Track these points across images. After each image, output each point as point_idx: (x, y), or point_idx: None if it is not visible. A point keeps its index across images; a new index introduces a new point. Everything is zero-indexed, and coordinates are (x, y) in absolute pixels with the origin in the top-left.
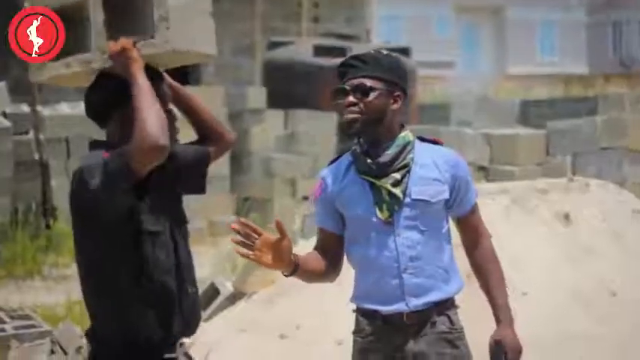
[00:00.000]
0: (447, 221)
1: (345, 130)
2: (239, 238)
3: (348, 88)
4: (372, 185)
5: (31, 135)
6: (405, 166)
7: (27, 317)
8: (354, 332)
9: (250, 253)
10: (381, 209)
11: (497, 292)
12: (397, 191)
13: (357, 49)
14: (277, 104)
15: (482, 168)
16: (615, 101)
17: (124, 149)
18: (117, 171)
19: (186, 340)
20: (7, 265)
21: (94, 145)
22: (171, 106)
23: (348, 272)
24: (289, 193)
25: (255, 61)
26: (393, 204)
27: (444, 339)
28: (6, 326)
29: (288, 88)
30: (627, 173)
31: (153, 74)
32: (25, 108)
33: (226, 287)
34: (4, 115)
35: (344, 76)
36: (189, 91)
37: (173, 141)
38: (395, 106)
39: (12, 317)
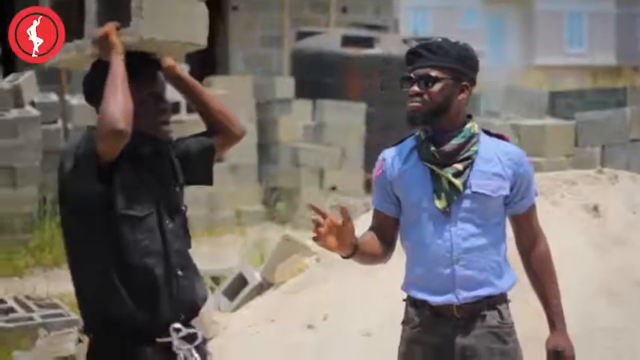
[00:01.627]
0: (504, 217)
1: (408, 120)
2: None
3: (413, 77)
4: (433, 173)
5: (59, 124)
6: (469, 157)
7: (55, 306)
8: (403, 322)
9: (318, 236)
10: (439, 198)
11: (553, 298)
12: (458, 182)
13: (384, 39)
14: (305, 94)
15: None
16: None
17: (94, 133)
18: (85, 154)
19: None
20: (35, 253)
21: (89, 129)
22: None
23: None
24: (317, 183)
25: (283, 52)
26: (452, 194)
27: (493, 334)
28: (34, 315)
29: (317, 78)
30: None
31: (144, 60)
32: (54, 97)
33: (254, 277)
34: (33, 104)
35: (411, 64)
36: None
37: (158, 126)
38: (462, 96)
39: (40, 306)
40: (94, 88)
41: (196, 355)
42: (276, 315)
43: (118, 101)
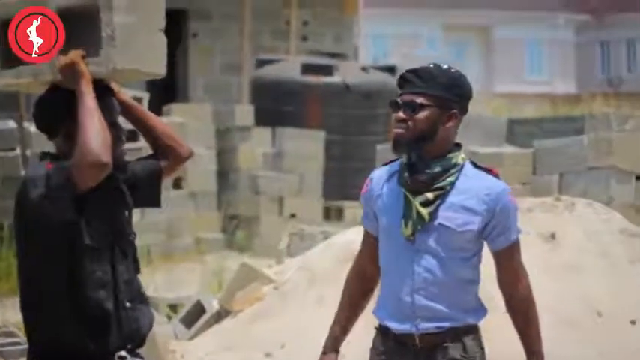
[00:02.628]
0: (478, 253)
1: (392, 146)
2: None
3: (399, 102)
4: (406, 199)
5: (17, 151)
6: (442, 188)
7: (12, 334)
8: (371, 348)
9: None
10: (406, 225)
11: (533, 338)
12: (424, 211)
13: (344, 67)
14: (265, 122)
15: None
16: (602, 120)
17: (67, 163)
18: (58, 184)
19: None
20: None
21: (44, 156)
22: (120, 120)
23: (333, 293)
24: (276, 211)
25: (243, 79)
26: (417, 223)
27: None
28: None
29: (276, 105)
30: (614, 193)
31: (102, 88)
32: (12, 124)
33: (212, 305)
34: None
35: (401, 89)
36: (174, 107)
37: (119, 154)
38: (449, 125)
39: None
40: (54, 119)
41: None
42: (233, 343)
43: (99, 133)
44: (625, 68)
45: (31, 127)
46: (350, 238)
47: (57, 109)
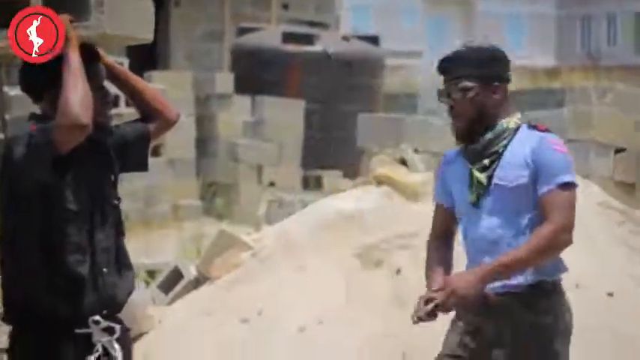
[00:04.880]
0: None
1: (455, 138)
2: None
3: (444, 92)
4: (469, 169)
5: None
6: (496, 152)
7: None
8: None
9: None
10: (471, 192)
11: (515, 254)
12: (482, 177)
13: (325, 36)
14: (245, 90)
15: None
16: (582, 94)
17: (51, 124)
18: (40, 145)
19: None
20: None
21: (30, 117)
22: (107, 84)
23: (310, 260)
24: (255, 178)
25: (223, 47)
26: (479, 189)
27: (522, 325)
28: None
29: (257, 74)
30: (593, 166)
31: (88, 52)
32: None
33: (190, 271)
34: None
35: (444, 76)
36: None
37: (105, 118)
38: (495, 97)
39: None
40: (39, 82)
41: (117, 346)
42: (211, 309)
43: (80, 95)
44: (605, 42)
45: (11, 91)
46: (328, 205)
47: (43, 73)
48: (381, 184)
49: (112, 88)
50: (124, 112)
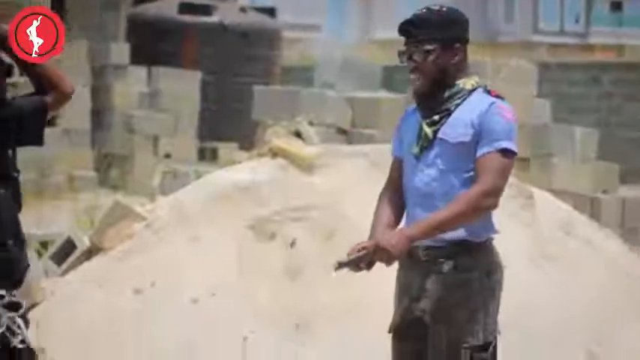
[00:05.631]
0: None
1: (413, 97)
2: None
3: (405, 53)
4: (419, 124)
5: None
6: (447, 109)
7: None
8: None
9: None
10: (416, 145)
11: (434, 217)
12: (428, 130)
13: (222, 7)
14: (141, 61)
15: (343, 131)
16: (478, 68)
17: None
18: None
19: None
20: None
21: None
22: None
23: (204, 231)
24: (150, 150)
25: (119, 17)
26: (424, 141)
27: (445, 280)
28: None
29: (153, 45)
30: None
31: None
32: None
33: (83, 242)
34: None
35: (405, 38)
36: None
37: (0, 90)
38: (456, 59)
39: None
40: None
41: (20, 321)
42: (104, 280)
43: None
44: (503, 20)
45: None
46: (222, 177)
47: None
48: (276, 156)
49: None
50: (20, 81)
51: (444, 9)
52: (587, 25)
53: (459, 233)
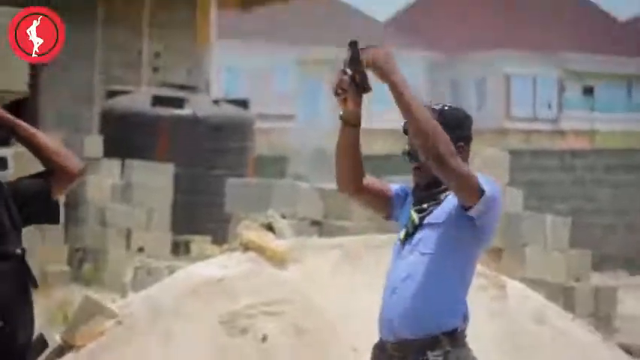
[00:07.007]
0: (461, 250)
1: (412, 189)
2: None
3: (410, 152)
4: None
5: None
6: (436, 199)
7: None
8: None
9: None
10: (404, 231)
11: (410, 89)
12: (415, 216)
13: (195, 100)
14: (114, 154)
15: (315, 223)
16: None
17: None
18: None
19: None
20: None
21: None
22: None
23: (177, 327)
24: (124, 244)
25: (93, 109)
26: (410, 228)
27: None
28: None
29: (126, 137)
30: None
31: None
32: None
33: (55, 340)
34: None
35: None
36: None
37: None
38: (460, 156)
39: None
40: None
41: None
42: None
43: None
44: (475, 107)
45: None
46: (194, 272)
47: None
48: (248, 250)
49: None
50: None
51: (447, 107)
52: (560, 110)
53: (430, 327)
